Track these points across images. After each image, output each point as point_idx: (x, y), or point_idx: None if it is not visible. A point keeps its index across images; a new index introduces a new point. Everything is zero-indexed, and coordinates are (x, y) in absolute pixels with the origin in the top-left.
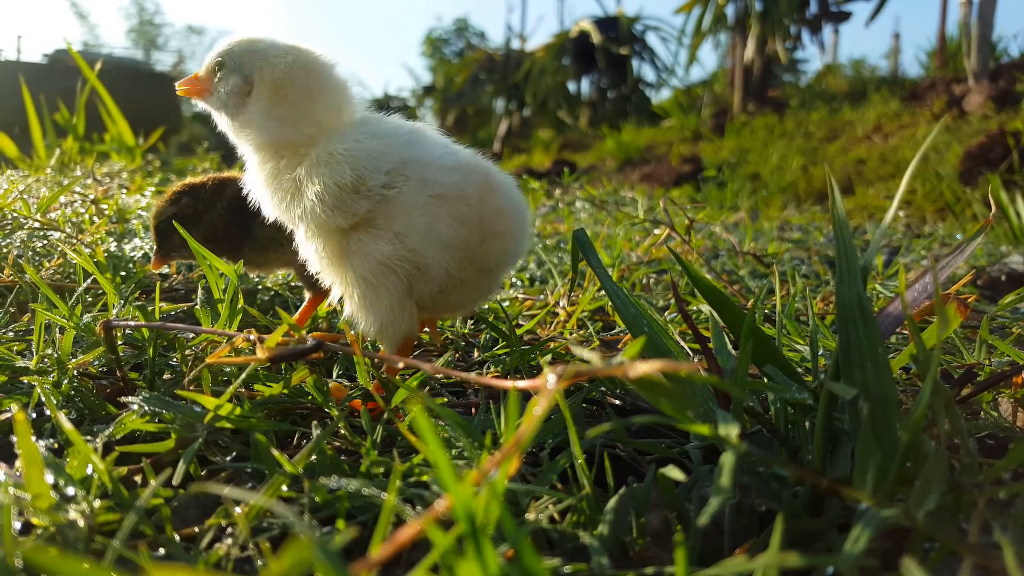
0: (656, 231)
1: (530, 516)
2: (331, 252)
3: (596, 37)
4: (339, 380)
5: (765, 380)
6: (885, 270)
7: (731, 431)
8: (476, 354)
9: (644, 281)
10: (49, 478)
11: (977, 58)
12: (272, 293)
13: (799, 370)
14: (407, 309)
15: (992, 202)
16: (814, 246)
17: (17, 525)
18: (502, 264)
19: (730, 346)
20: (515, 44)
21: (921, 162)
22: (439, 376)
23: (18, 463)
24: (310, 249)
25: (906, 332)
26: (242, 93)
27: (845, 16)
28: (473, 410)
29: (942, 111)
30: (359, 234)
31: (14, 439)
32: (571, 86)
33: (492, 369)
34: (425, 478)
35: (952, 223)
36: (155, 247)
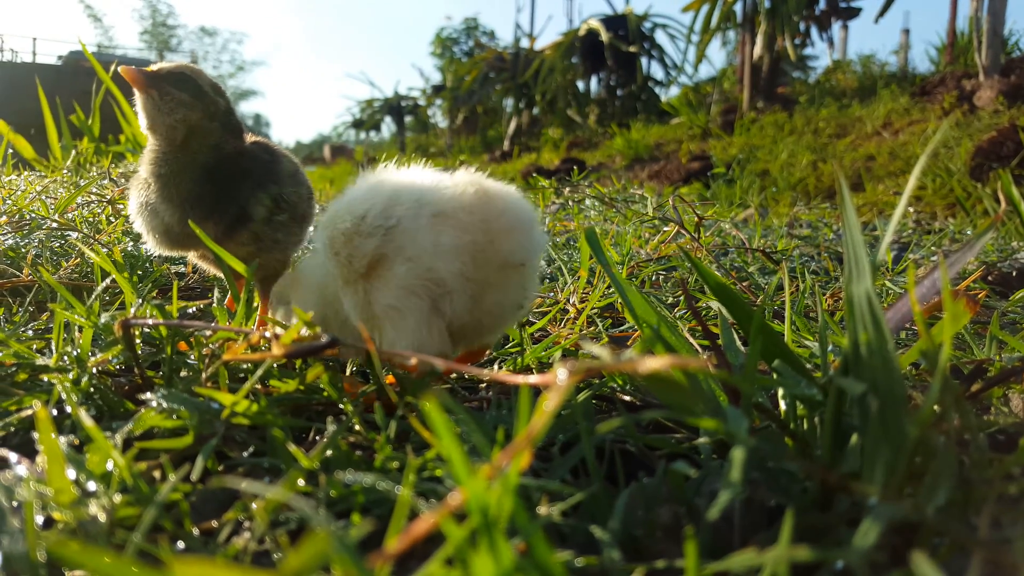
0: (665, 228)
1: (542, 510)
2: (361, 297)
3: (605, 35)
4: (353, 377)
5: (774, 376)
6: (895, 266)
7: (740, 427)
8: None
9: (653, 278)
10: (70, 473)
11: (988, 53)
12: None
13: (808, 366)
14: (435, 328)
15: (1003, 198)
16: (823, 243)
17: (40, 519)
18: (523, 258)
19: (739, 342)
20: (524, 43)
21: (931, 158)
22: (451, 373)
23: (40, 459)
24: (350, 304)
25: (915, 328)
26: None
27: (854, 12)
28: (486, 405)
29: (952, 106)
30: (378, 271)
31: (36, 435)
32: (580, 84)
33: (504, 366)
34: (439, 472)
35: (962, 219)
36: None
